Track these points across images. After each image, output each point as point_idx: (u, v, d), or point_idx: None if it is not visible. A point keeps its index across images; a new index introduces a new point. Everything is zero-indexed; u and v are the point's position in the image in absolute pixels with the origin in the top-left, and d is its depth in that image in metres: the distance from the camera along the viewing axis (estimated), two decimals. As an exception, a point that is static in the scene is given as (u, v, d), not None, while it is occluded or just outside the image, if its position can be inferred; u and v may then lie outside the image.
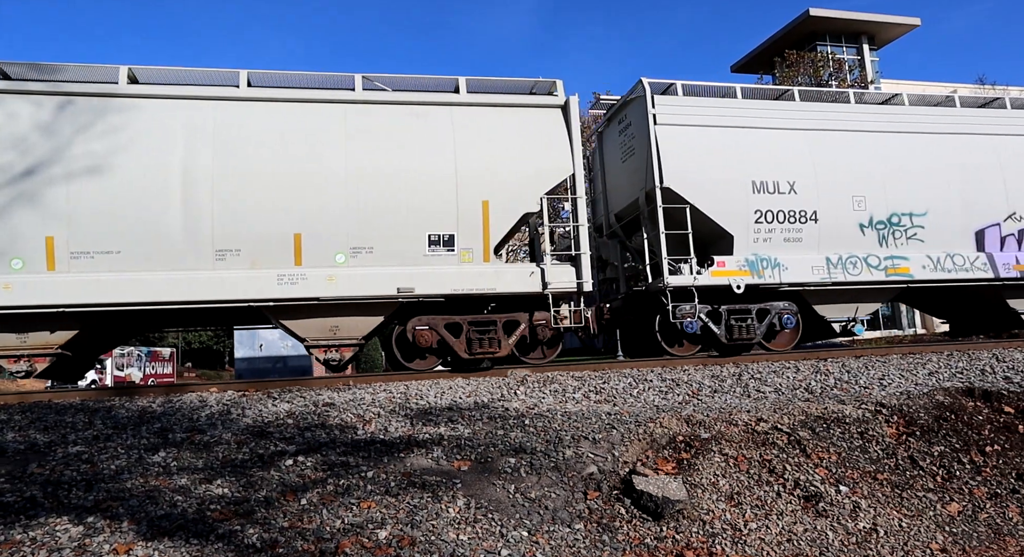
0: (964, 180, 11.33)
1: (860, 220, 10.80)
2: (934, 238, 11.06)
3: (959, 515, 5.04)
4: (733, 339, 10.11)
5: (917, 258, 10.87)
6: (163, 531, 4.22)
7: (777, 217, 10.48)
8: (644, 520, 4.81)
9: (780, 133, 10.85)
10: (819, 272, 10.52)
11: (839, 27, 40.52)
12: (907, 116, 11.51)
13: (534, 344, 9.71)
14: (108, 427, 6.21)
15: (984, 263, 11.13)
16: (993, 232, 11.39)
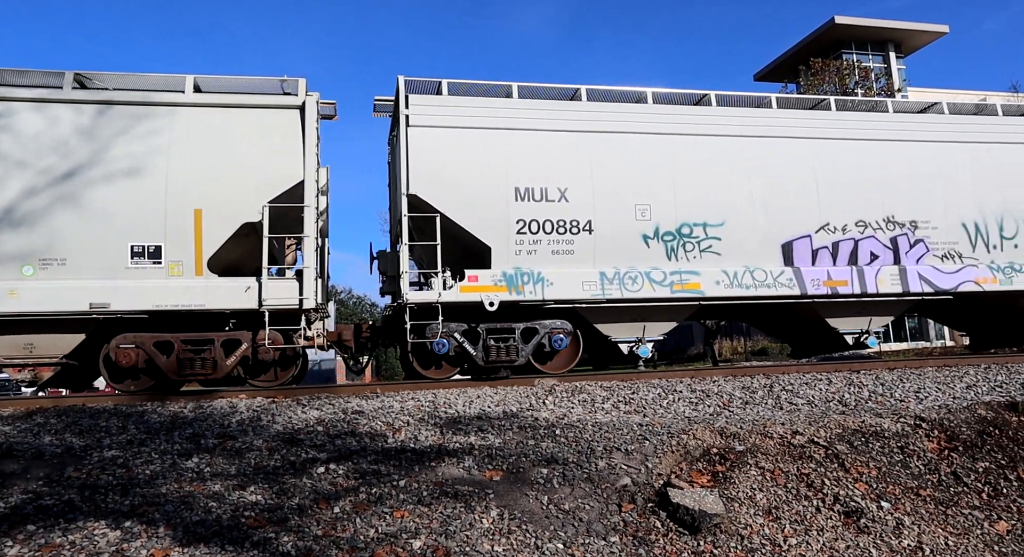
0: (768, 188, 10.37)
1: (644, 231, 9.85)
2: (732, 251, 10.11)
3: (1008, 534, 4.89)
4: (491, 360, 9.25)
5: (710, 273, 9.95)
6: (198, 537, 4.22)
7: (544, 227, 9.52)
8: (681, 534, 4.72)
9: (555, 135, 9.84)
10: (591, 288, 9.56)
11: (865, 35, 40.15)
12: (705, 118, 10.49)
13: (266, 365, 8.96)
14: (141, 432, 6.25)
15: (790, 278, 10.23)
16: (803, 244, 10.46)
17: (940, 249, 10.93)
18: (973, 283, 10.82)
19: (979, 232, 11.04)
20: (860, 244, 10.64)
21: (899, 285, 10.60)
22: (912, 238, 10.82)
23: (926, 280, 10.69)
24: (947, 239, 10.93)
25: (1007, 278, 10.92)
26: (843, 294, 10.40)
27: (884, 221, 10.75)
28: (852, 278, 10.48)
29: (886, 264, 10.67)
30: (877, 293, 10.50)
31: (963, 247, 10.98)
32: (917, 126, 11.28)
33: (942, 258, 10.91)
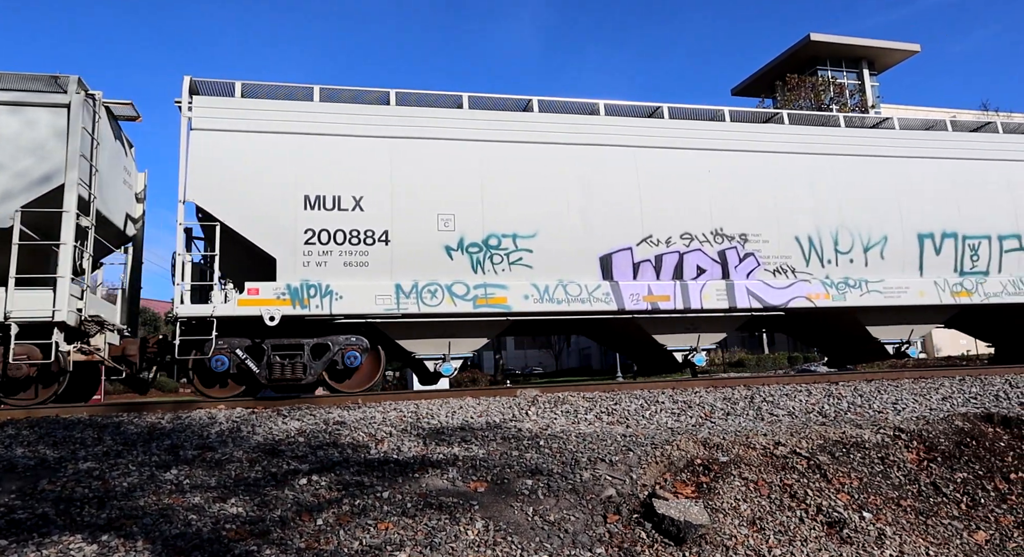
0: (587, 198, 9.85)
1: (447, 242, 9.32)
2: (546, 264, 9.56)
3: (987, 544, 4.95)
4: (274, 379, 8.75)
5: (519, 287, 9.41)
6: (179, 551, 4.13)
7: (335, 238, 8.99)
8: (666, 545, 4.72)
9: (352, 140, 9.34)
10: (385, 302, 9.02)
11: (840, 52, 40.95)
12: (521, 124, 9.97)
13: (21, 382, 8.39)
14: (118, 443, 6.12)
15: (607, 293, 9.72)
16: (623, 257, 9.94)
17: (772, 263, 10.54)
18: (805, 299, 10.49)
19: (813, 246, 10.74)
20: (686, 257, 10.19)
21: (726, 300, 10.17)
22: (742, 252, 10.41)
23: (755, 295, 10.31)
24: (780, 253, 10.57)
25: (840, 294, 10.63)
26: (665, 310, 9.94)
27: (712, 234, 10.31)
28: (675, 293, 10.02)
29: (713, 279, 10.26)
30: (702, 309, 10.09)
31: (796, 261, 10.62)
32: (751, 136, 10.91)
33: (774, 273, 10.53)
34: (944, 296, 11.06)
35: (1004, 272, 11.45)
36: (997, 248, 11.50)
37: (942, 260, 11.25)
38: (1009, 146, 11.96)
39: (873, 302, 10.74)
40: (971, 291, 11.21)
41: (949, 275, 11.21)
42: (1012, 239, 11.60)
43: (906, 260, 11.08)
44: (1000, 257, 11.50)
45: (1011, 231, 11.60)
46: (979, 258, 11.44)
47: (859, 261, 10.87)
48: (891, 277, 10.92)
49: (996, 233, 11.51)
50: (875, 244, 10.98)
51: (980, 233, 11.47)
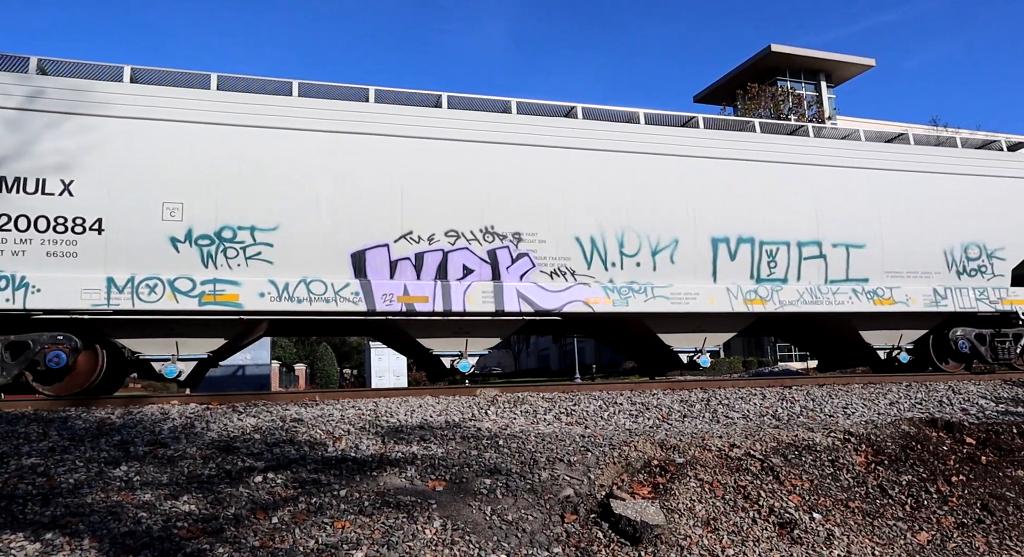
0: (339, 190, 9.14)
1: (173, 233, 8.51)
2: (289, 259, 8.81)
3: (928, 544, 5.12)
4: None
5: (254, 283, 8.63)
6: (127, 549, 4.03)
7: (37, 224, 8.13)
8: (622, 544, 4.77)
9: (68, 120, 8.42)
10: (93, 297, 8.17)
11: (799, 64, 41.90)
12: (263, 108, 9.13)
13: None
14: (64, 439, 5.93)
15: (356, 293, 8.96)
16: (379, 255, 9.19)
17: (549, 265, 9.79)
18: (582, 303, 9.78)
19: (596, 248, 10.02)
20: (451, 256, 9.44)
21: (492, 303, 9.41)
22: (515, 252, 9.66)
23: (526, 299, 9.58)
24: (558, 254, 9.85)
25: (623, 298, 9.94)
26: (422, 312, 9.23)
27: (482, 232, 9.55)
28: (435, 294, 9.27)
29: (481, 280, 9.49)
30: (465, 312, 9.37)
31: (577, 263, 9.90)
32: (534, 130, 10.15)
33: (551, 275, 9.79)
34: (736, 304, 10.47)
35: (803, 280, 10.93)
36: (796, 255, 10.94)
37: (737, 266, 10.65)
38: (814, 151, 11.50)
39: (659, 308, 10.13)
40: (765, 299, 10.63)
41: (744, 282, 10.63)
42: (812, 246, 11.05)
43: (698, 265, 10.47)
44: (799, 264, 10.95)
45: (811, 238, 11.05)
46: (777, 265, 10.84)
47: (647, 265, 10.23)
48: (681, 282, 10.30)
49: (796, 239, 10.97)
50: (665, 247, 10.35)
51: (779, 239, 10.90)
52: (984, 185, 12.12)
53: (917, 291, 11.33)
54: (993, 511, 5.53)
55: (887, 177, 11.66)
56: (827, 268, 11.06)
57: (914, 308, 11.27)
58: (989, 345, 11.70)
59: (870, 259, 11.25)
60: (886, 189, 11.59)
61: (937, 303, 11.38)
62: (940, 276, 11.59)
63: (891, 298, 11.19)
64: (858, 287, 11.09)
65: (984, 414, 7.77)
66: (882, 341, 11.51)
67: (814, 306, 10.84)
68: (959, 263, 11.71)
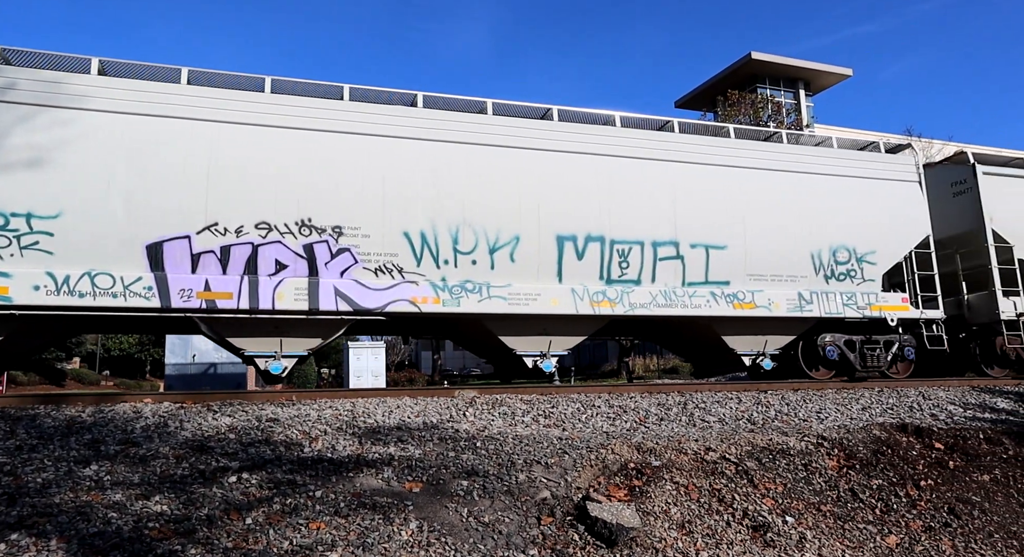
0: (134, 177, 8.37)
1: None
2: (73, 250, 8.12)
3: (897, 547, 5.21)
4: None
5: (28, 275, 7.91)
6: (96, 550, 3.96)
7: None
8: (598, 547, 4.79)
9: None
10: None
11: (778, 71, 42.37)
12: (49, 86, 8.37)
13: None
14: (33, 437, 5.82)
15: (149, 287, 8.26)
16: (178, 247, 8.49)
17: (374, 261, 9.14)
18: (408, 302, 9.12)
19: (427, 244, 9.38)
20: (261, 250, 8.76)
21: (306, 301, 8.73)
22: (335, 246, 9.01)
23: (345, 296, 8.90)
24: (384, 250, 9.18)
25: (454, 298, 9.28)
26: (226, 309, 8.58)
27: (297, 225, 8.87)
28: (241, 290, 8.58)
29: (296, 276, 8.83)
30: (275, 309, 8.71)
31: (405, 260, 9.24)
32: (357, 117, 9.43)
33: (376, 272, 9.13)
34: (582, 306, 9.81)
35: (658, 282, 10.27)
36: (651, 256, 10.27)
37: (585, 266, 9.96)
38: (675, 147, 10.77)
39: (495, 309, 9.46)
40: (615, 301, 9.96)
41: (592, 283, 9.97)
42: (669, 246, 10.36)
43: (542, 264, 9.79)
44: (654, 265, 10.28)
45: (668, 238, 10.37)
46: (630, 265, 10.18)
47: (484, 263, 9.55)
48: (521, 282, 9.63)
49: (651, 239, 10.30)
50: (504, 245, 9.66)
51: (632, 238, 10.22)
52: (858, 187, 11.59)
53: (781, 295, 10.76)
54: (960, 515, 5.64)
55: (754, 176, 11.02)
56: (685, 270, 10.44)
57: (777, 313, 10.71)
58: (859, 352, 11.28)
59: (732, 261, 10.66)
60: (752, 189, 10.94)
61: (802, 308, 10.83)
62: (807, 280, 11.03)
63: (752, 302, 10.60)
64: (718, 290, 10.51)
65: (953, 420, 7.91)
66: (746, 347, 11.00)
67: (668, 309, 10.23)
68: (827, 267, 11.18)
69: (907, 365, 11.90)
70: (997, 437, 7.13)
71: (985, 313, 12.05)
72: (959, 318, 12.40)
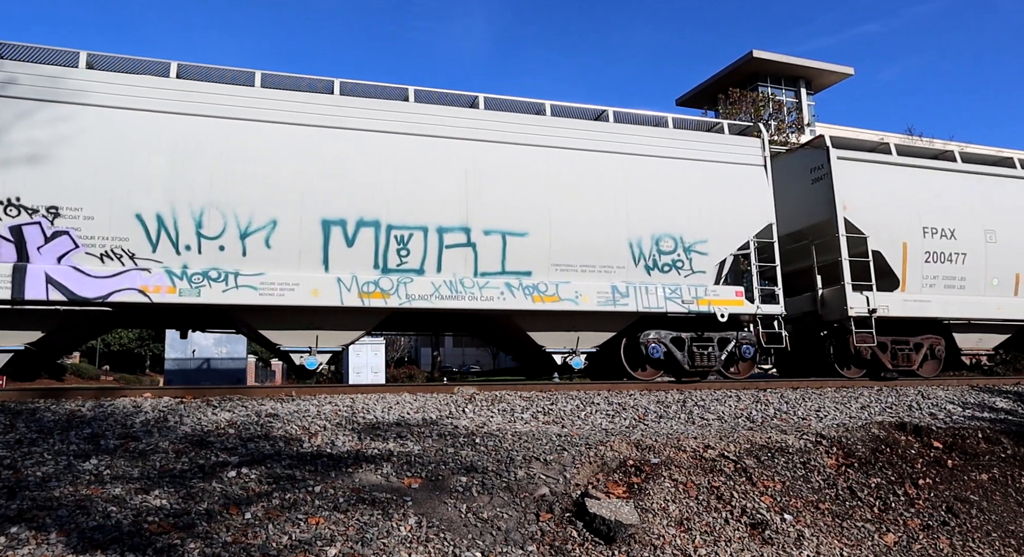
0: None
1: None
2: None
3: (895, 546, 5.22)
4: None
5: None
6: (95, 544, 3.97)
7: None
8: (596, 543, 4.80)
9: None
10: None
11: (779, 70, 42.35)
12: None
13: None
14: (33, 431, 5.83)
15: None
16: None
17: (99, 246, 8.27)
18: (137, 292, 8.26)
19: (165, 228, 8.49)
20: None
21: (9, 290, 7.84)
22: (50, 229, 8.14)
23: (60, 285, 8.02)
24: (111, 233, 8.30)
25: (194, 288, 8.41)
26: None
27: (2, 205, 8.03)
28: None
29: (1, 261, 7.93)
30: None
31: (138, 245, 8.37)
32: (95, 86, 8.53)
33: (102, 257, 8.28)
34: (349, 297, 8.86)
35: (445, 271, 9.32)
36: (436, 243, 9.33)
37: (356, 254, 9.03)
38: (470, 124, 9.76)
39: (243, 300, 8.60)
40: (389, 292, 9.02)
41: (365, 272, 9.04)
42: (458, 233, 9.41)
43: (304, 251, 8.91)
44: (440, 253, 9.33)
45: (458, 223, 9.42)
46: (410, 253, 9.23)
47: (234, 249, 8.68)
48: (278, 270, 8.75)
49: (437, 225, 9.35)
50: (258, 229, 8.78)
51: (413, 224, 9.27)
52: (691, 171, 10.55)
53: (591, 288, 9.74)
54: (957, 514, 5.65)
55: (567, 157, 10.02)
56: (477, 258, 9.46)
57: (585, 307, 9.70)
58: (687, 350, 10.30)
59: (535, 250, 9.65)
60: (564, 171, 9.96)
61: (615, 302, 9.80)
62: (624, 271, 10.00)
63: (556, 295, 9.60)
64: (515, 281, 9.50)
65: (952, 419, 7.92)
66: (557, 344, 9.98)
67: (455, 302, 9.26)
68: (649, 257, 10.15)
69: (748, 365, 11.07)
70: (996, 436, 7.14)
71: (836, 309, 11.18)
72: (816, 315, 11.63)
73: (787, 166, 12.26)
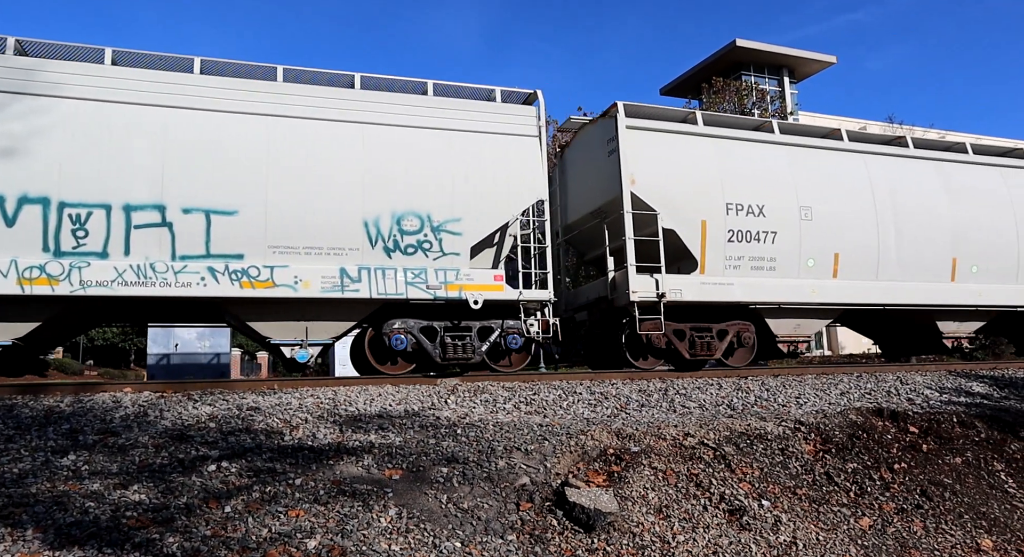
0: None
1: None
2: None
3: (870, 529, 5.30)
4: None
5: None
6: (73, 539, 3.96)
7: None
8: (576, 532, 4.85)
9: None
10: None
11: (763, 59, 42.43)
12: None
13: None
14: (10, 428, 5.79)
15: None
16: None
17: None
18: None
19: None
20: None
21: None
22: None
23: None
24: None
25: None
26: None
27: None
28: None
29: None
30: None
31: None
32: None
33: None
34: (5, 284, 7.85)
35: (135, 254, 8.31)
36: (123, 222, 8.31)
37: (20, 234, 7.99)
38: (167, 89, 8.71)
39: None
40: (59, 278, 8.01)
41: (31, 256, 8.00)
42: (151, 211, 8.39)
43: None
44: (127, 234, 8.32)
45: (150, 200, 8.39)
46: (89, 234, 8.21)
47: None
48: None
49: (123, 202, 8.32)
50: None
51: (93, 201, 8.24)
52: (445, 141, 9.53)
53: (315, 272, 8.77)
54: (931, 497, 5.75)
55: (290, 127, 9.00)
56: (174, 240, 8.46)
57: (306, 293, 8.70)
58: (440, 341, 9.36)
59: (246, 230, 8.67)
60: (284, 142, 8.95)
61: (343, 288, 8.83)
62: (358, 253, 9.01)
63: (271, 280, 8.63)
64: (221, 265, 8.53)
65: (929, 404, 8.04)
66: (283, 334, 9.00)
67: (143, 289, 8.26)
68: (389, 238, 9.12)
69: (521, 357, 10.10)
70: (970, 421, 7.26)
71: (624, 294, 9.99)
72: (609, 300, 10.53)
73: (588, 138, 11.26)
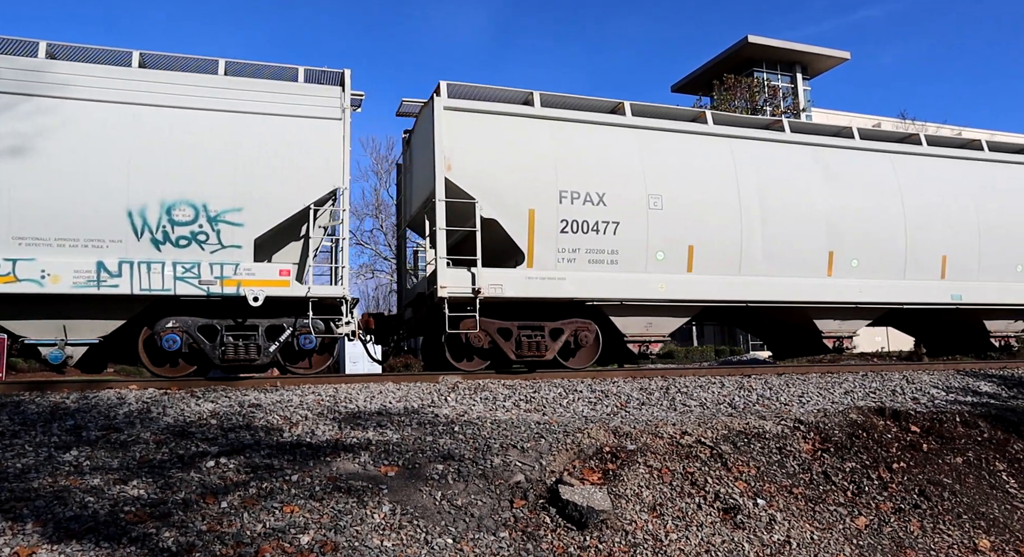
0: None
1: None
2: None
3: (866, 529, 5.29)
4: None
5: None
6: (71, 533, 4.04)
7: None
8: (568, 529, 4.87)
9: None
10: None
11: (775, 55, 42.13)
12: None
13: None
14: (16, 423, 5.90)
15: None
16: None
17: None
18: None
19: None
20: None
21: None
22: None
23: None
24: None
25: None
26: None
27: None
28: None
29: None
30: None
31: None
32: None
33: None
34: None
35: None
36: None
37: None
38: None
39: None
40: None
41: None
42: None
43: None
44: None
45: None
46: None
47: None
48: None
49: None
50: None
51: None
52: (227, 125, 8.81)
53: (67, 265, 8.07)
54: (930, 497, 5.73)
55: (35, 106, 8.26)
56: None
57: (54, 289, 8.04)
58: (220, 341, 8.58)
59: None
60: (28, 124, 8.22)
61: (99, 283, 8.17)
62: (121, 246, 8.31)
63: (11, 275, 7.96)
64: None
65: (933, 403, 7.98)
66: (40, 333, 8.34)
67: None
68: (157, 229, 8.41)
69: (323, 358, 9.47)
70: (974, 420, 7.21)
71: (436, 289, 9.22)
72: (428, 296, 9.70)
73: (424, 122, 10.29)
